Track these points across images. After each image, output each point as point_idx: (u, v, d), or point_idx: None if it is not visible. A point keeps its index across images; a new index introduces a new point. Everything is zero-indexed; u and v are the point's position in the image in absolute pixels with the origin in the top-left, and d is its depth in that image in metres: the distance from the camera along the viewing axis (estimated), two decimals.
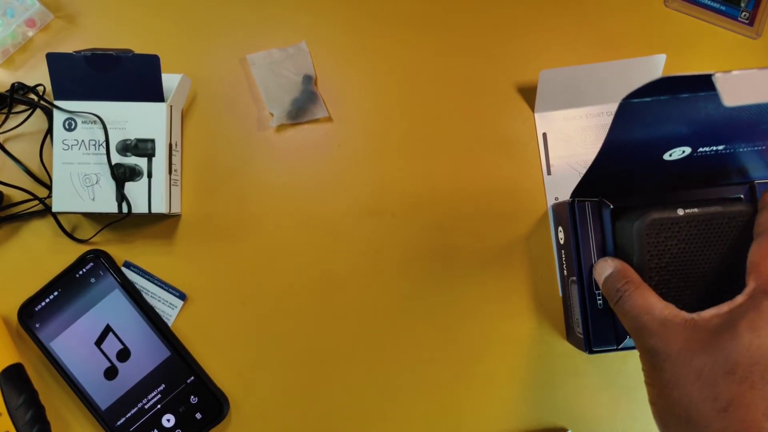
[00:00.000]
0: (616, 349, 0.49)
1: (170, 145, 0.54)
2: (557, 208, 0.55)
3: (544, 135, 0.58)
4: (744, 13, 0.60)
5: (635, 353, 0.57)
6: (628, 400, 0.56)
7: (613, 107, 0.37)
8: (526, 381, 0.56)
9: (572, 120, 0.58)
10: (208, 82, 0.58)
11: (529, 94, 0.58)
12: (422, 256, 0.57)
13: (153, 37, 0.58)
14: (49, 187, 0.56)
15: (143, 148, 0.52)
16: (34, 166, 0.57)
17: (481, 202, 0.57)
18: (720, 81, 0.33)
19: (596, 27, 0.60)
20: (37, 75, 0.58)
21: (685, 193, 0.50)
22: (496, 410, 0.56)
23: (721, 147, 0.43)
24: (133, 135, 0.52)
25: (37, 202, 0.56)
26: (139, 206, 0.52)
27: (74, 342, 0.54)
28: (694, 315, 0.39)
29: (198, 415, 0.54)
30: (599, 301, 0.49)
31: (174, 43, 0.58)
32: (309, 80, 0.57)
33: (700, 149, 0.43)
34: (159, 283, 0.56)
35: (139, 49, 0.52)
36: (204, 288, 0.56)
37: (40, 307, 0.54)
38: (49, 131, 0.56)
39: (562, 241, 0.54)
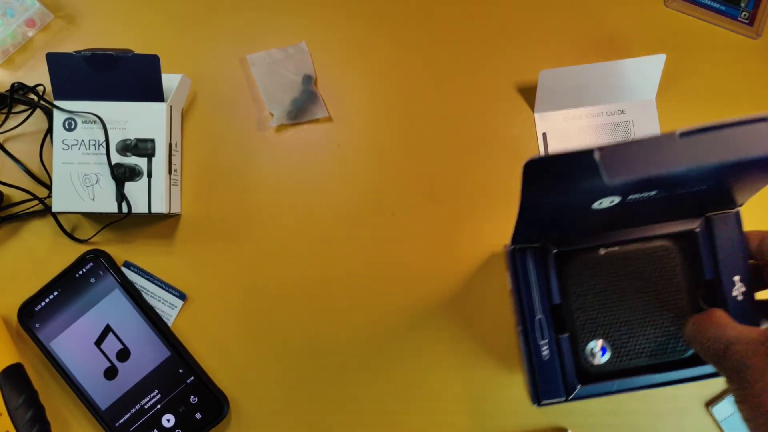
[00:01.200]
0: (566, 401, 0.47)
1: (170, 145, 0.54)
2: (505, 253, 0.51)
3: (544, 135, 0.58)
4: (744, 13, 0.60)
5: None
6: (629, 401, 0.56)
7: (613, 107, 0.36)
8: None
9: (572, 120, 0.58)
10: (208, 82, 0.58)
11: (529, 94, 0.58)
12: (422, 256, 0.57)
13: (153, 37, 0.58)
14: (49, 187, 0.56)
15: (143, 148, 0.52)
16: (34, 166, 0.57)
17: (481, 202, 0.57)
18: (600, 157, 0.32)
19: (596, 27, 0.59)
20: (37, 75, 0.58)
21: (633, 230, 0.47)
22: (497, 410, 0.56)
23: (653, 192, 0.40)
24: (133, 135, 0.52)
25: (37, 202, 0.56)
26: (139, 206, 0.52)
27: (74, 342, 0.54)
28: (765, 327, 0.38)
29: (198, 415, 0.54)
30: (545, 353, 0.46)
31: (174, 43, 0.58)
32: (309, 80, 0.57)
33: (631, 197, 0.40)
34: (159, 283, 0.56)
35: (138, 49, 0.52)
36: (204, 288, 0.56)
37: (40, 307, 0.54)
38: (49, 131, 0.56)
39: (509, 288, 0.51)
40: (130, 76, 0.52)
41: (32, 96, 0.56)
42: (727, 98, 0.59)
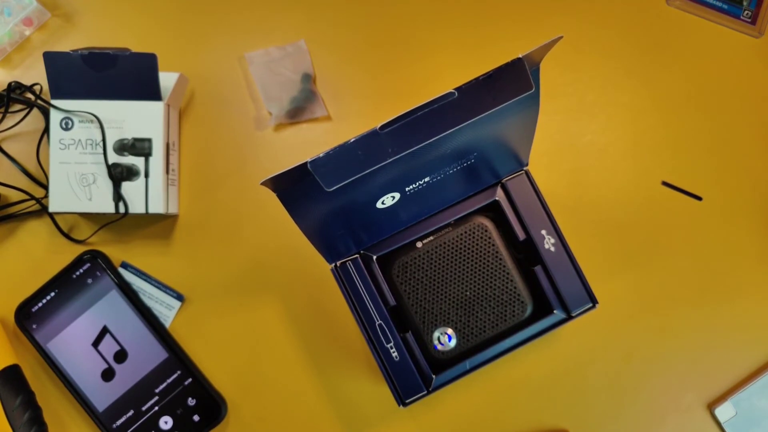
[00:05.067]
0: (428, 394, 0.47)
1: (167, 145, 0.53)
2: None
3: None
4: (746, 12, 0.59)
5: (638, 355, 0.56)
6: (630, 401, 0.56)
7: None
8: (526, 382, 0.56)
9: None
10: (206, 81, 0.58)
11: None
12: None
13: (150, 35, 0.58)
14: (46, 187, 0.55)
15: (140, 147, 0.52)
16: (31, 165, 0.56)
17: None
18: (312, 167, 0.34)
19: (598, 26, 0.59)
20: (34, 74, 0.57)
21: (442, 214, 0.49)
22: (498, 411, 0.56)
23: (427, 178, 0.42)
24: (130, 134, 0.52)
25: (33, 202, 0.55)
26: (136, 206, 0.52)
27: (71, 343, 0.54)
28: None
29: (195, 418, 0.54)
30: (394, 355, 0.48)
31: (171, 42, 0.58)
32: (308, 79, 0.57)
33: (408, 188, 0.42)
34: (156, 284, 0.55)
35: (136, 48, 0.52)
36: (202, 289, 0.56)
37: (36, 308, 0.54)
38: (46, 131, 0.55)
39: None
40: (128, 75, 0.52)
41: (29, 95, 0.56)
42: (729, 96, 0.59)
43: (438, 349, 0.48)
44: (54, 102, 0.52)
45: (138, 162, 0.52)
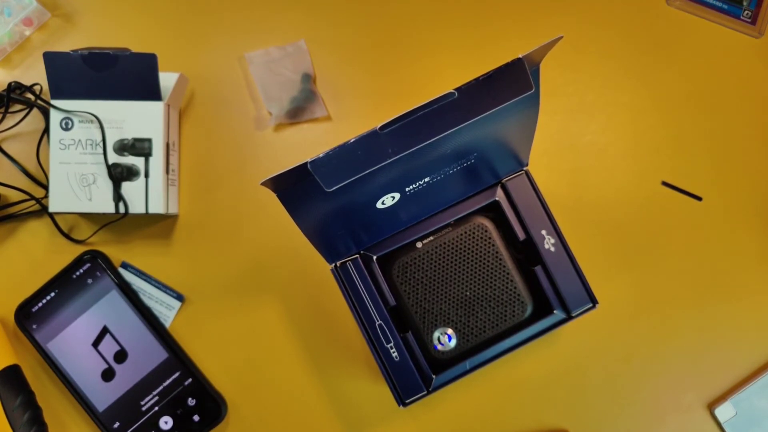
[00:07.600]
0: (428, 394, 0.47)
1: (168, 145, 0.53)
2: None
3: None
4: (746, 12, 0.59)
5: (638, 355, 0.56)
6: (630, 401, 0.56)
7: None
8: (526, 382, 0.56)
9: None
10: (206, 81, 0.58)
11: None
12: None
13: (150, 35, 0.58)
14: (46, 187, 0.55)
15: (140, 147, 0.52)
16: (31, 166, 0.56)
17: None
18: (312, 168, 0.34)
19: (598, 26, 0.59)
20: (34, 74, 0.57)
21: (443, 214, 0.49)
22: (498, 411, 0.56)
23: (427, 178, 0.42)
24: (130, 134, 0.52)
25: (33, 202, 0.55)
26: (137, 206, 0.52)
27: (71, 343, 0.54)
28: None
29: (196, 418, 0.54)
30: (394, 355, 0.48)
31: (171, 42, 0.58)
32: (308, 79, 0.57)
33: (408, 188, 0.42)
34: (156, 284, 0.55)
35: (136, 48, 0.52)
36: (202, 289, 0.56)
37: (37, 308, 0.54)
38: (46, 131, 0.55)
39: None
40: (128, 75, 0.52)
41: (29, 95, 0.56)
42: (729, 96, 0.59)
43: (438, 349, 0.48)
44: (54, 102, 0.52)
45: (138, 162, 0.52)
